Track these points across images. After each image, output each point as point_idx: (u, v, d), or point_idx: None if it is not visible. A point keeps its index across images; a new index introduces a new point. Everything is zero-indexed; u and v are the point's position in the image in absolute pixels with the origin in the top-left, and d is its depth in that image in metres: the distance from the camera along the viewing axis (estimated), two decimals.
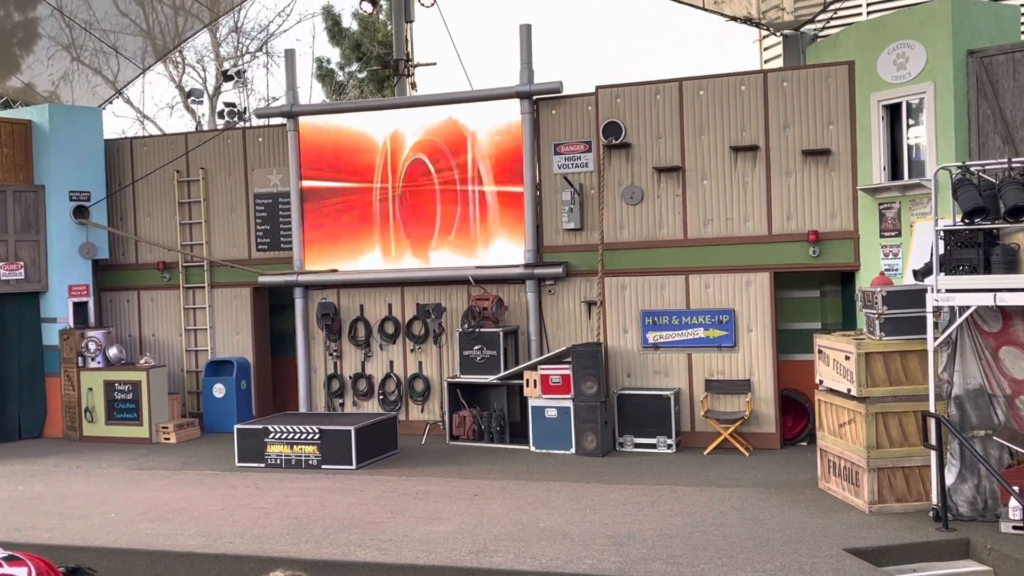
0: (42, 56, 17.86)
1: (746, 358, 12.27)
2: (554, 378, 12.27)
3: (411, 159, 13.88)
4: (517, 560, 7.85)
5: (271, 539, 8.68)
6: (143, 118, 30.03)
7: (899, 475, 8.97)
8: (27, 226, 14.61)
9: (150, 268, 15.50)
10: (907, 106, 11.28)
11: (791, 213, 12.17)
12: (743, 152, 12.31)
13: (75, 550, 8.70)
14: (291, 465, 11.76)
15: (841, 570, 7.36)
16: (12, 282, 14.46)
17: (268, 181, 14.85)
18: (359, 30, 27.97)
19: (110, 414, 14.22)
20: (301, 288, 14.34)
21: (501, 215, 13.46)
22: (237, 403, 14.47)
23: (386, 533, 8.74)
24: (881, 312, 9.06)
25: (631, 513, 9.19)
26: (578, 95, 13.21)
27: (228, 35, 29.15)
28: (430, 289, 13.86)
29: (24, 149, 14.80)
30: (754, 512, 9.09)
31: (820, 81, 12.05)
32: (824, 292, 12.84)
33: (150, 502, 10.29)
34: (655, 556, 7.83)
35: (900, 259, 11.30)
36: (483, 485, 10.57)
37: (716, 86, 12.46)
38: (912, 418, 8.93)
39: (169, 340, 15.41)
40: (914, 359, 8.98)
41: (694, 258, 12.52)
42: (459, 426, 13.06)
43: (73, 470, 12.22)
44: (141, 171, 15.46)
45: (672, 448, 12.10)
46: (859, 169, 11.84)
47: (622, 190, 12.82)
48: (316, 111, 14.56)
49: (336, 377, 14.34)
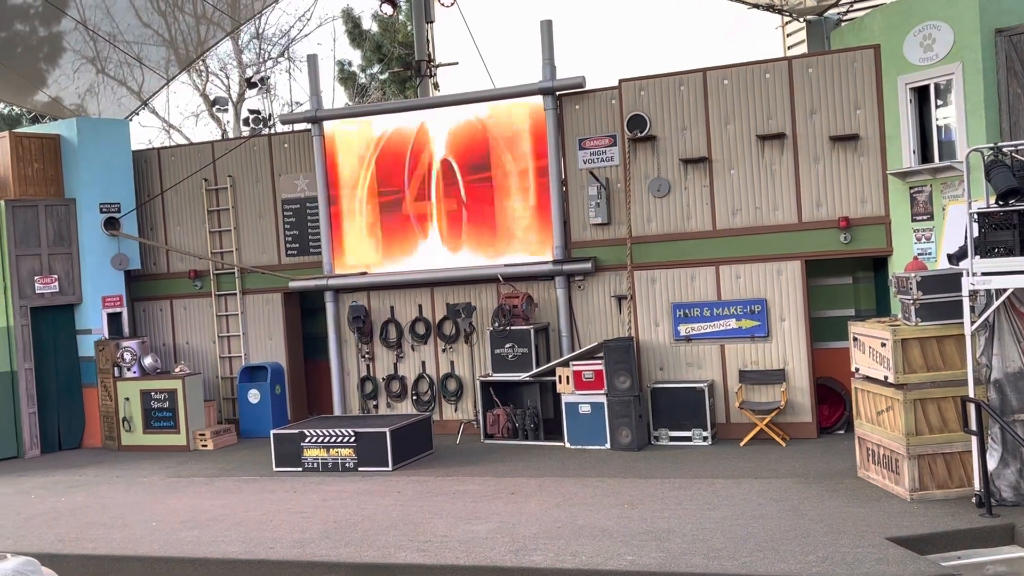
0: (68, 70, 18.04)
1: (780, 347, 12.19)
2: (587, 374, 12.25)
3: (436, 159, 13.90)
4: (557, 558, 7.85)
5: (311, 543, 8.73)
6: (169, 127, 30.31)
7: (940, 461, 8.87)
8: (60, 239, 14.77)
9: (182, 277, 15.63)
10: (935, 88, 11.16)
11: (821, 200, 12.07)
12: (770, 140, 12.22)
13: (119, 560, 8.80)
14: (328, 468, 11.81)
15: (884, 559, 7.29)
16: (47, 295, 14.64)
17: (295, 186, 14.92)
18: (379, 32, 28.04)
19: (147, 423, 14.36)
20: (332, 292, 14.40)
21: (528, 212, 13.44)
22: (272, 408, 14.58)
23: (425, 534, 8.76)
24: (916, 297, 8.96)
25: (669, 507, 9.16)
26: (601, 89, 13.17)
27: (250, 42, 29.35)
28: (459, 288, 13.88)
29: (54, 163, 14.97)
30: (794, 503, 9.03)
31: (846, 66, 11.94)
32: (857, 278, 12.74)
33: (190, 510, 10.38)
34: (696, 550, 7.80)
35: (933, 243, 11.19)
36: (519, 483, 10.57)
37: (740, 75, 12.38)
38: (951, 404, 8.84)
39: (203, 347, 15.53)
40: (951, 344, 8.88)
41: (724, 249, 12.45)
42: (493, 424, 13.08)
43: (113, 479, 12.35)
44: (169, 181, 15.59)
45: (708, 440, 12.05)
46: (888, 153, 11.73)
47: (649, 183, 12.77)
48: (340, 115, 14.61)
49: (369, 379, 14.40)
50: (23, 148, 14.66)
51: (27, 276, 14.46)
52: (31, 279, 14.50)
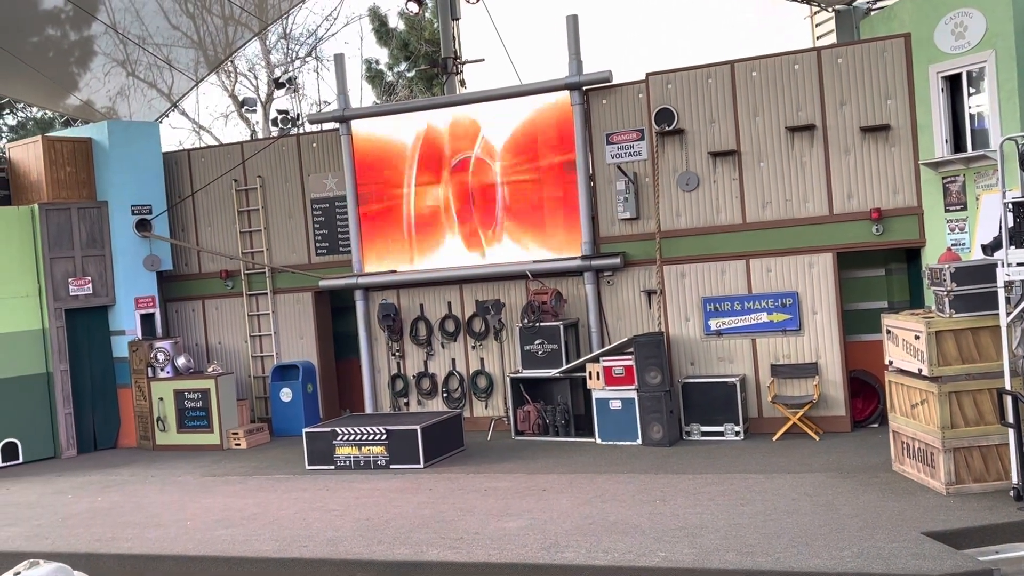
0: (99, 73, 18.20)
1: (812, 341, 12.08)
2: (617, 369, 12.21)
3: (463, 155, 13.90)
4: (589, 555, 7.83)
5: (344, 541, 8.76)
6: (199, 129, 30.55)
7: (976, 455, 8.76)
8: (92, 241, 14.93)
9: (213, 277, 15.74)
10: (967, 76, 11.00)
11: (852, 191, 11.95)
12: (800, 132, 12.11)
13: (154, 559, 8.88)
14: (360, 466, 11.86)
15: (921, 554, 7.21)
16: (81, 297, 14.80)
17: (324, 186, 14.98)
18: (406, 30, 28.10)
19: (181, 422, 14.48)
20: (361, 290, 14.45)
21: (556, 208, 13.41)
22: (304, 406, 14.65)
23: (457, 531, 8.77)
24: (950, 289, 8.85)
25: (702, 503, 9.12)
26: (628, 83, 13.11)
27: (277, 42, 29.51)
28: (488, 285, 13.88)
29: (86, 166, 15.13)
30: (828, 497, 8.96)
31: (876, 55, 11.80)
32: (889, 270, 12.60)
33: (224, 508, 10.45)
34: (729, 546, 7.75)
35: (967, 233, 11.04)
36: (551, 480, 10.56)
37: (769, 66, 12.27)
38: (987, 396, 8.72)
39: (235, 347, 15.64)
40: (986, 336, 8.77)
41: (754, 242, 12.36)
42: (523, 421, 13.07)
43: (148, 479, 12.47)
44: (199, 182, 15.70)
45: (740, 435, 11.97)
46: (920, 143, 11.59)
47: (677, 177, 12.70)
48: (367, 114, 14.64)
49: (400, 377, 14.44)
50: (56, 152, 14.84)
51: (61, 278, 14.63)
52: (65, 281, 14.66)
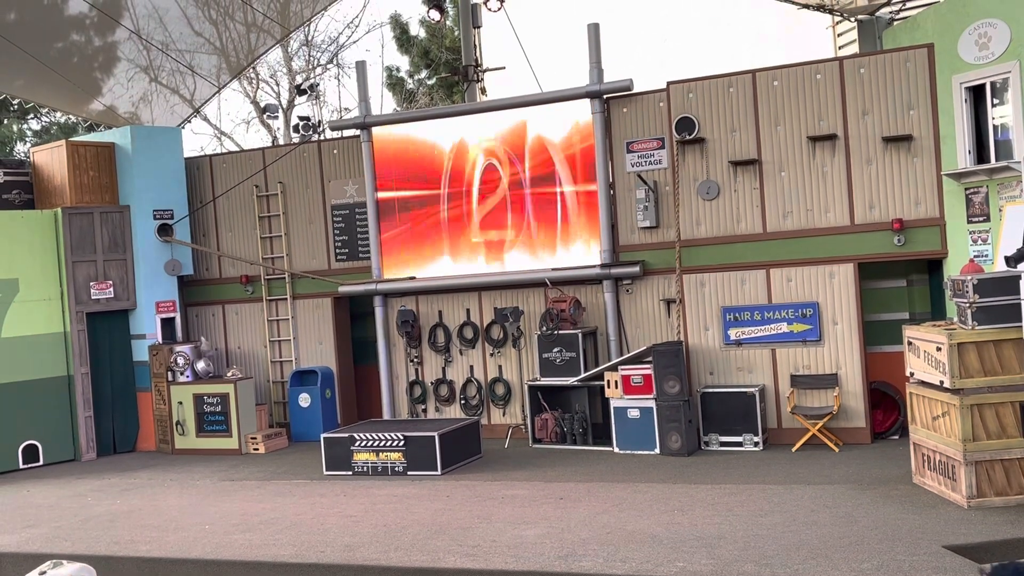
0: (122, 79, 18.33)
1: (832, 351, 12.02)
2: (635, 378, 12.18)
3: (483, 164, 13.92)
4: (606, 564, 7.80)
5: (361, 547, 8.77)
6: (221, 135, 30.73)
7: (998, 468, 8.69)
8: (114, 245, 15.03)
9: (233, 282, 15.82)
10: (991, 87, 10.94)
11: (874, 202, 11.90)
12: (821, 141, 12.07)
13: (173, 562, 8.92)
14: (377, 472, 11.87)
15: (941, 568, 7.15)
16: (102, 300, 14.90)
17: (344, 192, 15.04)
18: (427, 37, 28.18)
19: (200, 427, 14.55)
20: (380, 296, 14.49)
21: (576, 216, 13.41)
22: (323, 412, 14.70)
23: (474, 539, 8.76)
24: (973, 300, 8.79)
25: (720, 513, 9.07)
26: (649, 92, 13.10)
27: (299, 49, 29.65)
28: (507, 293, 13.88)
29: (109, 171, 15.25)
30: (847, 509, 8.90)
31: (899, 66, 11.75)
32: (911, 281, 12.53)
33: (242, 513, 10.48)
34: (747, 557, 7.71)
35: (990, 245, 10.96)
36: (568, 488, 10.54)
37: (791, 76, 12.24)
38: (1010, 409, 8.65)
39: (254, 352, 15.70)
40: (1009, 348, 8.70)
41: (774, 251, 12.31)
42: (541, 429, 13.05)
43: (167, 483, 12.52)
44: (221, 187, 15.79)
45: (759, 446, 11.92)
46: (943, 154, 11.53)
47: (698, 185, 12.68)
48: (388, 121, 14.69)
49: (418, 383, 14.45)
50: (79, 156, 14.96)
51: (83, 282, 14.74)
52: (87, 285, 14.77)
